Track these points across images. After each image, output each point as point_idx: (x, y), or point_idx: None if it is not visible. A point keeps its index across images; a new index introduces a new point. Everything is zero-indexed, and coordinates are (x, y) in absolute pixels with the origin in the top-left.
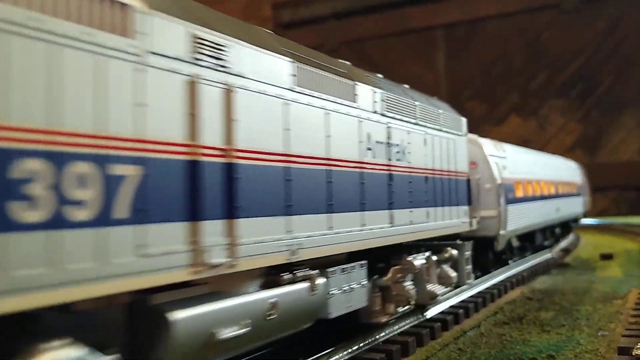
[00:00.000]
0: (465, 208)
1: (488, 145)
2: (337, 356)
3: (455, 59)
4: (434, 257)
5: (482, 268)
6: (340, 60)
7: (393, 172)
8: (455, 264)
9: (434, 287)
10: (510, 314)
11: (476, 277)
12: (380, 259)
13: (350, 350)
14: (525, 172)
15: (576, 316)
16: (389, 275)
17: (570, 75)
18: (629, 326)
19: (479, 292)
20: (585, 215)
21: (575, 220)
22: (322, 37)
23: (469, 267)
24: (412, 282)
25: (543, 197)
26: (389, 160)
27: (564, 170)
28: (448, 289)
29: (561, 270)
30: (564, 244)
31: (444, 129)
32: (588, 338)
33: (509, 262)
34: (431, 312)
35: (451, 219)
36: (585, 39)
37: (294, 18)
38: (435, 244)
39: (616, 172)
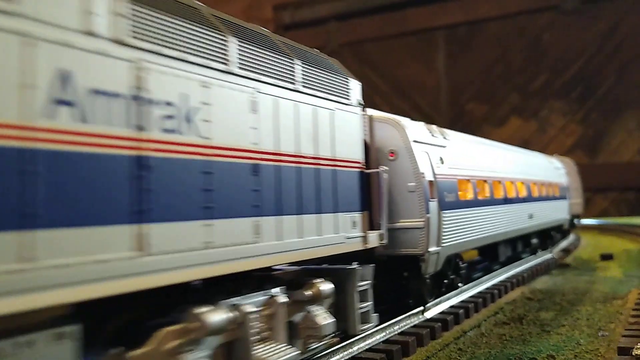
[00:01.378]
0: (356, 216)
1: (414, 129)
2: (337, 356)
3: (456, 60)
4: (282, 299)
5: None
6: None
7: (149, 153)
8: (339, 303)
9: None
10: (511, 314)
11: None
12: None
13: (350, 351)
14: (478, 168)
15: (576, 316)
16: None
17: (571, 77)
18: (628, 326)
19: (479, 293)
20: (572, 224)
21: (560, 228)
22: (323, 38)
23: (367, 304)
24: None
25: (508, 201)
26: (140, 129)
27: (542, 168)
28: (319, 345)
29: (561, 271)
30: (564, 244)
31: (308, 90)
32: (588, 338)
33: (459, 285)
34: (431, 312)
35: (322, 234)
36: (585, 40)
37: (294, 19)
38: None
39: (616, 173)
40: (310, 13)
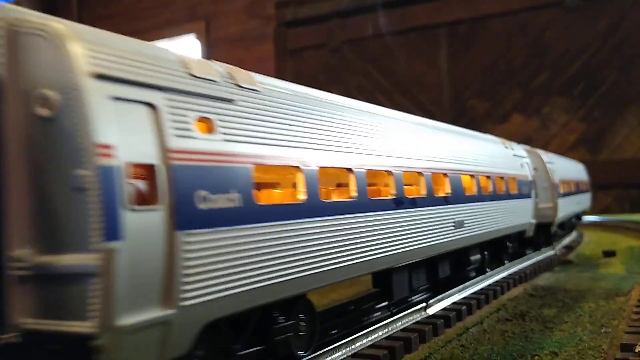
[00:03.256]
0: None
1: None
2: (339, 353)
3: (458, 57)
4: None
5: None
6: None
7: None
8: None
9: None
10: (513, 310)
11: None
12: None
13: (352, 347)
14: (330, 146)
15: (579, 313)
16: None
17: (573, 74)
18: (631, 323)
19: (482, 289)
20: (547, 229)
21: (522, 235)
22: (325, 35)
23: None
24: None
25: (405, 204)
26: None
27: (488, 156)
28: None
29: (564, 268)
30: (566, 241)
31: None
32: (591, 335)
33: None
34: (433, 309)
35: None
36: (588, 37)
37: (296, 16)
38: None
39: (619, 170)
40: (312, 10)
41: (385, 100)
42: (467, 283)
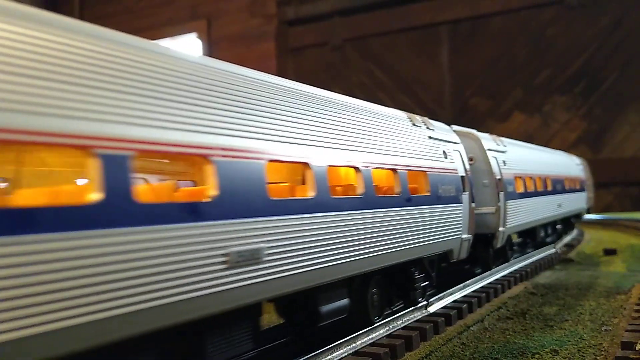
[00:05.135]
0: None
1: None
2: (340, 351)
3: (459, 55)
4: None
5: None
6: None
7: None
8: None
9: None
10: (514, 308)
11: None
12: None
13: (353, 345)
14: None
15: (579, 311)
16: None
17: (574, 72)
18: (632, 321)
19: (482, 287)
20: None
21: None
22: (326, 34)
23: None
24: None
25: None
26: None
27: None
28: None
29: (564, 266)
30: (567, 239)
31: None
32: (591, 333)
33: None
34: (434, 307)
35: None
36: (589, 35)
37: (298, 15)
38: None
39: (620, 168)
40: (313, 8)
41: (386, 99)
42: (468, 281)
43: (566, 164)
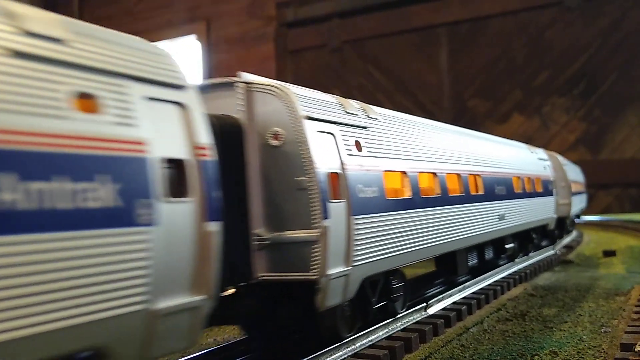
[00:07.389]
0: None
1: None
2: (339, 353)
3: (458, 56)
4: None
5: None
6: None
7: None
8: None
9: None
10: (513, 310)
11: None
12: None
13: (352, 347)
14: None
15: (579, 313)
16: None
17: (573, 73)
18: (631, 322)
19: (482, 289)
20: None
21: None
22: (325, 36)
23: None
24: None
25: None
26: None
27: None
28: None
29: (564, 267)
30: (566, 241)
31: None
32: (591, 334)
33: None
34: (434, 309)
35: None
36: (588, 36)
37: (297, 17)
38: None
39: (620, 169)
40: (312, 10)
41: (385, 101)
42: (467, 283)
43: (519, 158)
